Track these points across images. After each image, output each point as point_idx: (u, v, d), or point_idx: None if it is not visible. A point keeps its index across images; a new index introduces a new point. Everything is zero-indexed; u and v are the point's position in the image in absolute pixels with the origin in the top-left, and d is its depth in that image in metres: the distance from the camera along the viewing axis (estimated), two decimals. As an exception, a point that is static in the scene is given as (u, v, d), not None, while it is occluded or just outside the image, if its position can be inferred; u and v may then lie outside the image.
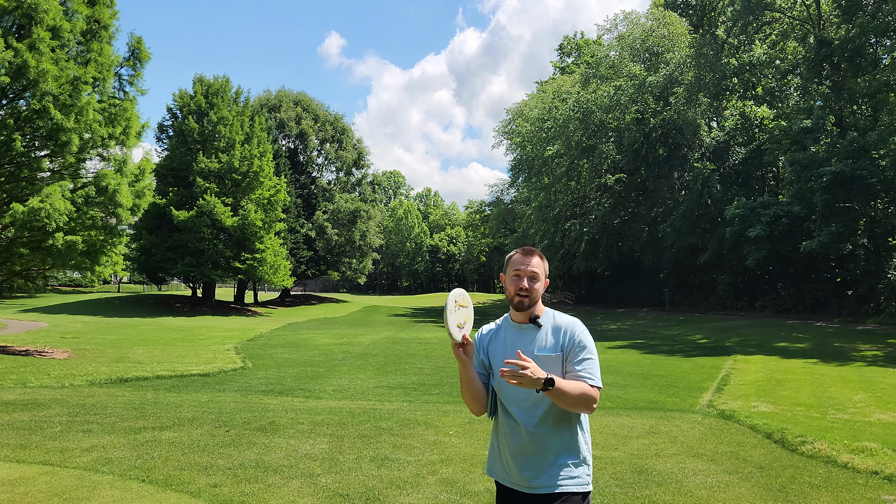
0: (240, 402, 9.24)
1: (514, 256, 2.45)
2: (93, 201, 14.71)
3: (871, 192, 26.03)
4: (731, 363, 14.88)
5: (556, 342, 2.36)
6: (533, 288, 2.38)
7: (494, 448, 2.49)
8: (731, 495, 4.99)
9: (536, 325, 2.40)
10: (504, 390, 2.38)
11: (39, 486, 4.84)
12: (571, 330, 2.37)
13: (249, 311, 38.70)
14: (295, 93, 53.74)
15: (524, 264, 2.40)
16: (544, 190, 43.09)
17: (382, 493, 4.83)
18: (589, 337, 2.38)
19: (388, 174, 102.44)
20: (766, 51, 36.46)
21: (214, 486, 4.93)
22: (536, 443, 2.32)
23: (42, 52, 13.23)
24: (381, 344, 19.99)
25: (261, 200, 36.27)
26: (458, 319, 2.32)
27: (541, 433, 2.32)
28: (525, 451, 2.33)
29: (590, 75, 40.24)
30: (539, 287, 2.41)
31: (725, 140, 37.08)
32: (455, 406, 9.11)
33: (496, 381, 2.39)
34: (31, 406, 8.22)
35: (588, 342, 2.36)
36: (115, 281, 63.08)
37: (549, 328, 2.39)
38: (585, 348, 2.34)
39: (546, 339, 2.37)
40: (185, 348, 17.29)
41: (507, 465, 2.39)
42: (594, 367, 2.32)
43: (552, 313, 2.45)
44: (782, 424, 7.64)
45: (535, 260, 2.42)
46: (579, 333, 2.36)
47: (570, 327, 2.38)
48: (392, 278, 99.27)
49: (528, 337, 2.39)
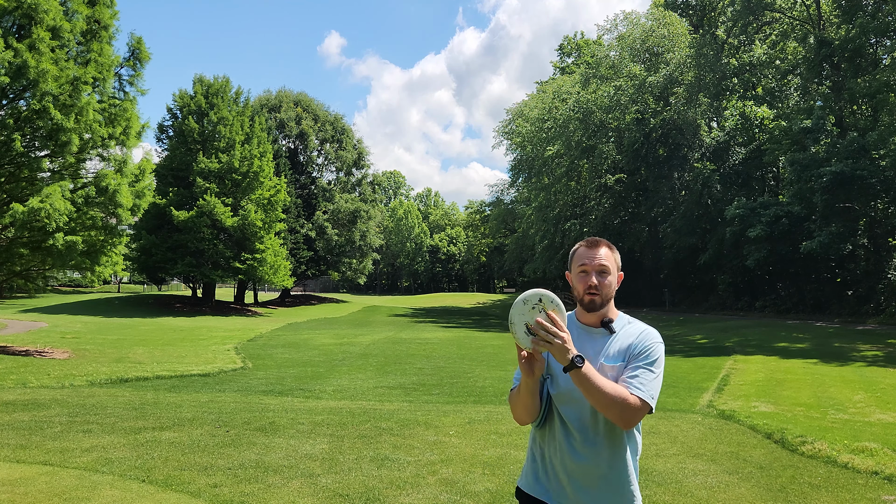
0: (240, 402, 9.24)
1: (578, 250, 2.17)
2: (93, 201, 14.71)
3: (871, 192, 26.04)
4: (731, 363, 14.88)
5: (623, 351, 2.07)
6: (603, 284, 2.10)
7: (537, 462, 2.17)
8: (731, 495, 4.99)
9: (609, 330, 2.11)
10: (565, 401, 2.09)
11: (39, 486, 4.84)
12: (644, 339, 2.08)
13: (249, 312, 38.69)
14: (295, 93, 53.76)
15: (591, 257, 2.11)
16: (544, 190, 43.09)
17: (382, 493, 4.83)
18: (660, 350, 2.08)
19: (388, 174, 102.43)
20: (766, 51, 36.46)
21: (214, 487, 4.93)
22: (597, 462, 2.05)
23: (42, 53, 13.23)
24: (382, 344, 19.99)
25: (261, 200, 36.27)
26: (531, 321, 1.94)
27: (601, 451, 2.05)
28: (583, 471, 2.05)
29: (590, 75, 40.25)
30: (611, 282, 2.13)
31: (725, 140, 37.08)
32: (455, 406, 9.12)
33: (556, 387, 2.09)
34: (31, 406, 8.21)
35: (656, 355, 2.05)
36: (115, 281, 63.07)
37: (621, 335, 2.11)
38: (648, 359, 2.04)
39: (615, 347, 2.09)
40: (185, 348, 17.28)
41: (560, 483, 2.09)
42: (650, 382, 2.00)
43: (627, 318, 2.18)
44: (782, 424, 7.64)
45: (604, 251, 2.13)
46: (651, 344, 2.07)
47: (643, 336, 2.09)
48: (392, 278, 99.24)
49: (598, 343, 2.11)
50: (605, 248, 2.13)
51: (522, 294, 1.97)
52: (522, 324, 1.94)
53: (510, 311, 1.97)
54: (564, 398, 2.08)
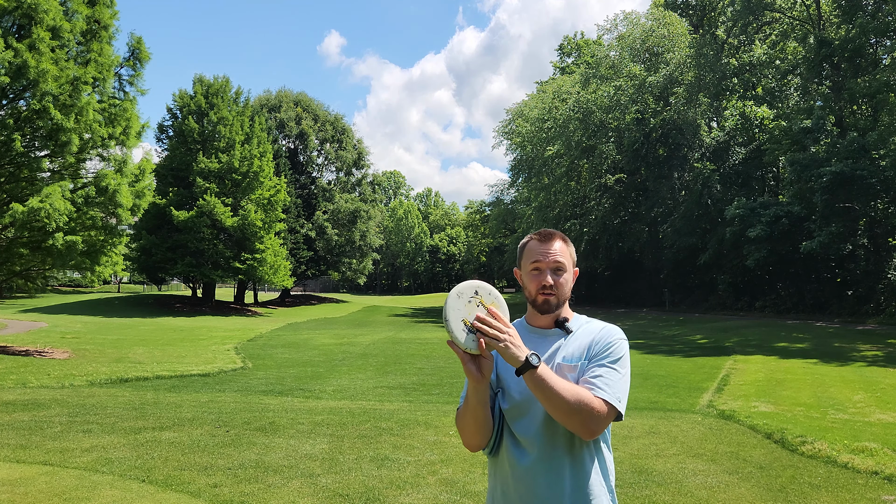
0: (240, 402, 9.24)
1: (529, 244, 1.91)
2: (93, 201, 14.71)
3: (871, 192, 26.03)
4: (731, 363, 14.87)
5: (584, 348, 1.83)
6: (559, 283, 1.84)
7: (497, 494, 1.88)
8: (731, 495, 4.99)
9: (564, 330, 1.87)
10: (518, 414, 1.82)
11: (39, 486, 4.84)
12: (605, 335, 1.84)
13: (249, 312, 38.69)
14: (295, 93, 53.79)
15: (544, 253, 1.85)
16: (544, 190, 43.08)
17: (382, 493, 4.83)
18: (623, 348, 1.83)
19: (388, 174, 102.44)
20: (766, 51, 36.46)
21: (214, 486, 4.93)
22: (560, 488, 1.77)
23: (42, 53, 13.23)
24: (381, 344, 19.98)
25: (261, 200, 36.28)
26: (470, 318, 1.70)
27: (562, 473, 1.77)
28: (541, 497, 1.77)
29: (590, 75, 40.25)
30: (567, 280, 1.87)
31: (725, 140, 37.08)
32: (455, 406, 9.11)
33: (508, 400, 1.83)
34: (31, 406, 8.21)
35: (619, 352, 1.81)
36: (115, 281, 63.06)
37: (580, 333, 1.88)
38: (612, 356, 1.79)
39: (573, 347, 1.85)
40: (185, 348, 17.28)
41: None
42: (615, 382, 1.75)
43: (584, 318, 1.95)
44: (782, 424, 7.64)
45: (558, 245, 1.87)
46: (613, 341, 1.82)
47: (605, 333, 1.85)
48: (392, 278, 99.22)
49: (551, 344, 1.87)
50: (559, 242, 1.87)
51: (455, 288, 1.72)
52: (460, 321, 1.69)
53: (444, 309, 1.71)
54: (518, 411, 1.82)
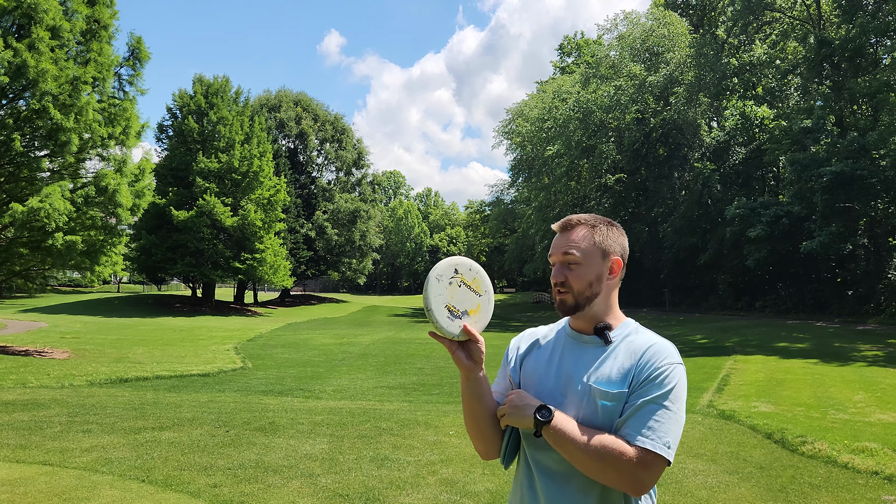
0: (240, 402, 9.23)
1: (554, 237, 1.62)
2: (92, 201, 14.71)
3: (871, 192, 26.04)
4: (731, 363, 14.87)
5: (625, 372, 1.46)
6: (572, 277, 1.52)
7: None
8: (732, 495, 4.98)
9: (604, 340, 1.52)
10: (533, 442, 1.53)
11: (39, 486, 4.83)
12: (653, 357, 1.45)
13: (249, 312, 38.68)
14: (295, 93, 53.80)
15: (559, 245, 1.56)
16: (544, 190, 43.09)
17: (382, 494, 4.83)
18: (677, 375, 1.44)
19: (388, 174, 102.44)
20: (766, 51, 36.47)
21: (214, 486, 4.93)
22: None
23: (41, 52, 13.23)
24: (381, 344, 19.98)
25: (261, 200, 36.28)
26: (454, 301, 1.53)
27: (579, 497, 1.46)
28: None
29: (590, 75, 40.26)
30: (586, 275, 1.52)
31: (725, 140, 37.09)
32: (455, 406, 9.11)
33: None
34: (30, 406, 8.21)
35: (670, 382, 1.42)
36: (114, 281, 63.06)
37: (622, 348, 1.50)
38: (661, 388, 1.41)
39: (612, 365, 1.48)
40: (184, 348, 17.28)
41: None
42: (663, 423, 1.39)
43: (634, 326, 1.56)
44: (782, 424, 7.63)
45: (579, 234, 1.55)
46: (663, 366, 1.44)
47: (652, 353, 1.46)
48: (392, 278, 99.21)
49: (588, 356, 1.52)
50: (581, 230, 1.55)
51: (433, 270, 1.55)
52: (443, 307, 1.52)
53: (424, 296, 1.54)
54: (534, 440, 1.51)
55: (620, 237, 1.59)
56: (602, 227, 1.57)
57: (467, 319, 1.54)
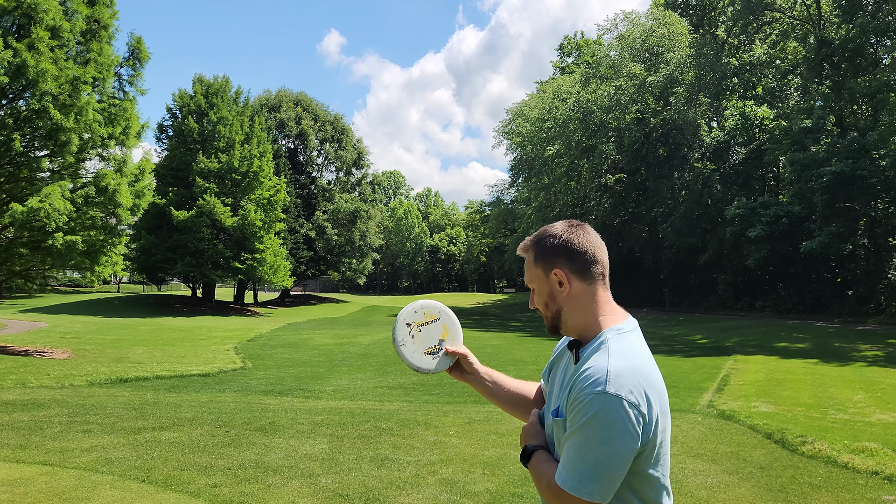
0: (240, 402, 9.23)
1: None
2: (92, 201, 14.72)
3: (871, 192, 26.04)
4: (731, 363, 14.87)
5: (566, 403, 1.39)
6: (536, 302, 1.54)
7: None
8: (732, 495, 4.98)
9: (574, 358, 1.46)
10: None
11: (39, 486, 4.83)
12: (577, 384, 1.35)
13: (249, 312, 38.69)
14: (295, 93, 53.82)
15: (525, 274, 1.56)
16: (544, 190, 43.10)
17: (382, 494, 4.83)
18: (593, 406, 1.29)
19: (388, 174, 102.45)
20: (766, 51, 36.47)
21: (214, 486, 4.93)
22: None
23: (41, 52, 13.23)
24: (381, 344, 19.98)
25: (261, 200, 36.28)
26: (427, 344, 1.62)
27: None
28: None
29: (590, 75, 40.26)
30: (540, 299, 1.52)
31: (725, 140, 37.09)
32: (455, 406, 9.11)
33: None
34: (30, 406, 8.21)
35: (584, 413, 1.30)
36: (114, 281, 63.07)
37: (574, 373, 1.42)
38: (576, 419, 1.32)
39: (559, 391, 1.48)
40: (184, 348, 17.28)
41: None
42: (576, 459, 1.31)
43: (602, 340, 1.42)
44: (782, 424, 7.63)
45: (528, 259, 1.54)
46: (581, 397, 1.32)
47: (580, 380, 1.35)
48: (392, 278, 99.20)
49: (569, 374, 1.46)
50: (528, 255, 1.54)
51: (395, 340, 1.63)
52: (423, 355, 1.60)
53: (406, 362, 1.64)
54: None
55: (561, 246, 1.47)
56: (536, 246, 1.51)
57: (446, 344, 1.64)
